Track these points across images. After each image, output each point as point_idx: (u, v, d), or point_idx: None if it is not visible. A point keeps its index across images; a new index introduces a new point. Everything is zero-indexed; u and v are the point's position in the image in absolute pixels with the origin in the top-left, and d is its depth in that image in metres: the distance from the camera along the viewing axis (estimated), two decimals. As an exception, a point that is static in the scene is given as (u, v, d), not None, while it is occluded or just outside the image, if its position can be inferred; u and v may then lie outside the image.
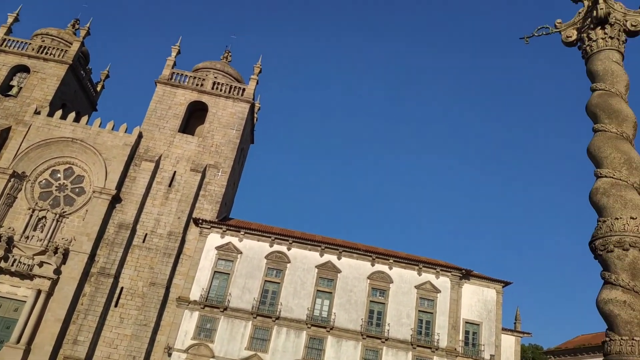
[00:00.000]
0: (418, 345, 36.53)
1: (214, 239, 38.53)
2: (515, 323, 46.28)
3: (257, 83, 45.11)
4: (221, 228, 38.77)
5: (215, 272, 37.70)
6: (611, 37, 9.46)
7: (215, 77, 44.68)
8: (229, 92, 43.86)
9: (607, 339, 8.47)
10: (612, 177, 8.49)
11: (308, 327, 36.38)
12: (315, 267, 38.54)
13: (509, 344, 41.94)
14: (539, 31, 10.45)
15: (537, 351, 70.56)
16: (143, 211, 37.75)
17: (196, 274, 37.17)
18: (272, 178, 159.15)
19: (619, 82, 9.18)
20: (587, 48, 9.77)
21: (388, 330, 36.85)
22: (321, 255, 38.88)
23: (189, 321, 35.52)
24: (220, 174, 40.51)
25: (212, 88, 43.61)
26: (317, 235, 42.68)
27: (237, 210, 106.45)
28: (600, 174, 8.69)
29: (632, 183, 8.43)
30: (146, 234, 37.28)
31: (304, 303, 37.20)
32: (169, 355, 34.41)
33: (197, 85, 43.59)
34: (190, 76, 44.29)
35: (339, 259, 39.00)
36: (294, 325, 36.40)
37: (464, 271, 39.18)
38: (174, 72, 43.76)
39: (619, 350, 8.04)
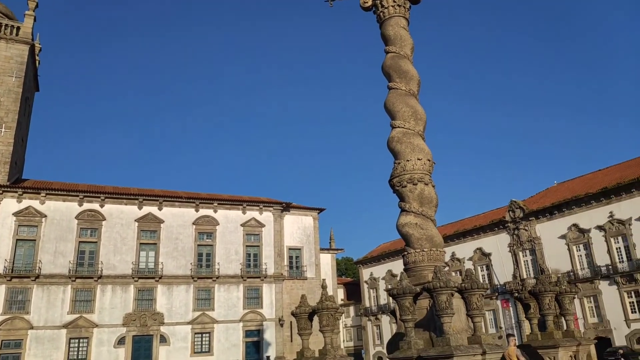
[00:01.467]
0: (248, 277, 39.06)
1: (10, 204, 33.78)
2: (330, 242, 52.24)
3: (35, 20, 38.70)
4: (16, 192, 34.08)
5: (17, 240, 33.49)
6: (399, 5, 11.05)
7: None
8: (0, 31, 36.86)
9: (405, 252, 10.76)
10: (403, 127, 10.38)
11: (135, 281, 35.71)
12: (135, 220, 37.09)
13: (326, 261, 47.66)
14: (341, -5, 11.55)
15: (349, 263, 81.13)
16: None
17: (-7, 245, 32.56)
18: (67, 129, 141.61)
19: (406, 45, 10.93)
20: (381, 14, 11.26)
21: (218, 269, 38.28)
22: (140, 208, 37.43)
23: (-5, 296, 31.57)
24: (3, 130, 34.81)
25: (-23, 27, 36.08)
26: (133, 188, 40.59)
27: (30, 170, 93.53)
28: (394, 125, 10.52)
29: (417, 131, 10.44)
30: None
31: (127, 258, 36.04)
32: (-25, 338, 30.39)
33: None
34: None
35: (160, 209, 38.14)
36: (120, 281, 35.32)
37: (284, 204, 42.06)
38: None
39: (414, 260, 10.36)
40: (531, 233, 41.13)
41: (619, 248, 35.86)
